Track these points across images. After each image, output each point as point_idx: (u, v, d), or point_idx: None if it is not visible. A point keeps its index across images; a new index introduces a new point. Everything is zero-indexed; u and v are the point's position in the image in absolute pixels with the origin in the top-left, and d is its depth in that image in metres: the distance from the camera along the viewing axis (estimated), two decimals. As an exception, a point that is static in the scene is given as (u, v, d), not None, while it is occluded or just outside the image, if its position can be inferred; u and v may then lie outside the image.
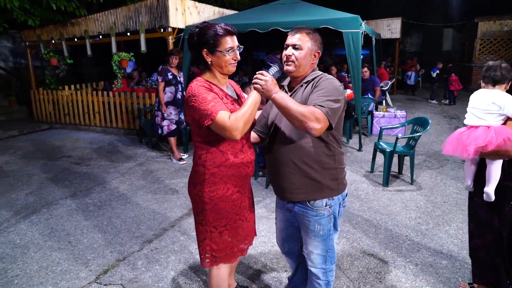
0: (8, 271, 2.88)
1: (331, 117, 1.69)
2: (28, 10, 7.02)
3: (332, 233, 1.97)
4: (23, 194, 4.47)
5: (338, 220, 2.00)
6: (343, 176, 1.94)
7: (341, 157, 1.92)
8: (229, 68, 1.85)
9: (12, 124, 8.82)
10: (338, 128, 1.85)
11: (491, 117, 2.22)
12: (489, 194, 2.24)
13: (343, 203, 1.99)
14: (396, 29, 12.48)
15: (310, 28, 1.91)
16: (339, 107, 1.75)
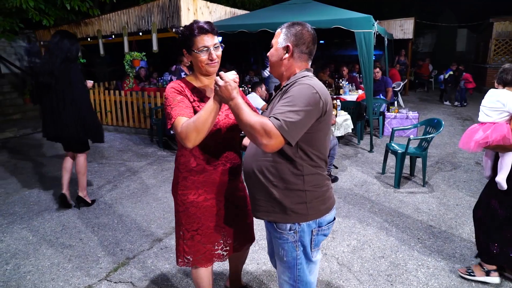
0: (21, 266, 2.92)
1: (287, 132, 1.40)
2: (43, 10, 7.12)
3: (301, 262, 1.66)
4: (36, 191, 4.54)
5: (312, 250, 1.66)
6: (319, 200, 1.60)
7: (315, 178, 1.58)
8: (206, 68, 1.74)
9: (26, 122, 8.98)
10: (315, 144, 1.55)
11: (495, 114, 2.42)
12: (500, 183, 2.47)
13: (318, 231, 1.64)
14: (408, 30, 12.32)
15: (293, 22, 1.64)
16: (301, 120, 1.42)
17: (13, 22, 7.07)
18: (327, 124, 1.58)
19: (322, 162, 1.61)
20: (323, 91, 1.52)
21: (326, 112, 1.52)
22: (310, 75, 1.59)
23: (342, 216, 3.72)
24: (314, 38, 1.63)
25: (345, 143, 6.53)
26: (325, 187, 1.63)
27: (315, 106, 1.46)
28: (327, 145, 1.63)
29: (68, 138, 3.77)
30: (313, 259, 1.69)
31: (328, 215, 1.66)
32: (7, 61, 9.66)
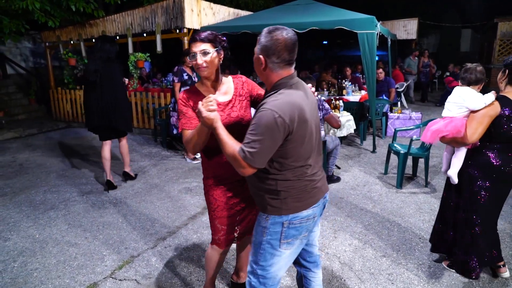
0: (28, 264, 2.98)
1: (253, 162, 1.54)
2: (48, 11, 7.21)
3: (264, 248, 1.76)
4: (42, 190, 4.61)
5: (281, 241, 1.73)
6: (293, 198, 1.69)
7: (289, 182, 1.67)
8: (199, 72, 1.91)
9: (31, 122, 9.07)
10: (290, 155, 1.62)
11: (455, 109, 2.55)
12: (451, 177, 2.64)
13: (289, 225, 1.71)
14: (412, 30, 12.31)
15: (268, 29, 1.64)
16: (263, 148, 1.52)
17: (19, 24, 7.17)
18: (301, 136, 1.61)
19: (299, 168, 1.67)
20: (289, 109, 1.53)
21: (294, 130, 1.56)
22: (281, 90, 1.60)
23: (344, 216, 3.75)
24: (286, 45, 1.58)
25: (348, 144, 6.55)
26: (301, 188, 1.70)
27: (278, 130, 1.51)
28: (303, 152, 1.65)
29: (108, 126, 4.43)
30: (279, 249, 1.75)
31: (303, 212, 1.72)
32: (12, 62, 9.77)
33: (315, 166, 1.75)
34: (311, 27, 5.78)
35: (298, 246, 1.83)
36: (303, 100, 1.62)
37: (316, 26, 5.79)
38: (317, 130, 1.77)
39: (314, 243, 2.01)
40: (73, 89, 8.71)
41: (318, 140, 1.79)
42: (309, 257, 2.03)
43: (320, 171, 1.83)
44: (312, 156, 1.71)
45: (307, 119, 1.61)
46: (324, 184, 1.84)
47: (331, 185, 4.59)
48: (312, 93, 1.81)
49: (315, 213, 1.78)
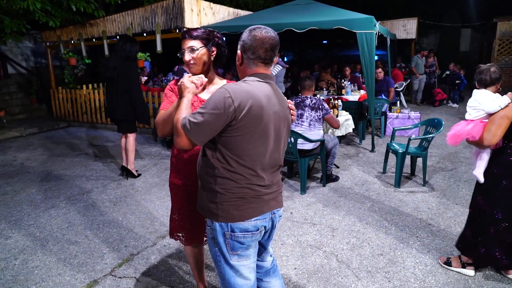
0: (29, 262, 3.01)
1: (189, 132, 1.50)
2: (49, 11, 7.24)
3: (220, 260, 1.70)
4: (42, 189, 4.64)
5: (230, 253, 1.65)
6: (230, 205, 1.60)
7: (227, 182, 1.58)
8: (188, 69, 1.96)
9: (32, 121, 9.11)
10: (233, 148, 1.55)
11: (473, 112, 2.60)
12: (477, 177, 2.66)
13: (232, 236, 1.62)
14: (412, 30, 12.32)
15: (250, 28, 1.67)
16: (204, 122, 1.48)
17: (20, 24, 7.19)
18: (248, 129, 1.53)
19: (242, 169, 1.58)
20: (244, 96, 1.50)
21: (241, 118, 1.50)
22: (250, 79, 1.60)
23: (342, 214, 3.78)
24: (263, 42, 1.58)
25: (347, 143, 6.58)
26: (240, 194, 1.60)
27: (223, 110, 1.47)
28: (254, 154, 1.57)
29: (121, 119, 4.76)
30: (231, 262, 1.67)
31: (244, 223, 1.62)
32: (13, 62, 9.80)
33: (266, 179, 1.65)
34: (310, 27, 5.81)
35: (253, 255, 1.75)
36: (265, 96, 1.57)
37: (315, 26, 5.81)
38: (279, 141, 1.67)
39: (264, 259, 1.92)
40: (73, 88, 8.74)
41: (279, 152, 1.70)
42: (259, 269, 1.93)
43: (274, 185, 1.71)
44: (263, 164, 1.62)
45: (262, 114, 1.54)
46: (275, 199, 1.72)
47: (329, 183, 4.62)
48: (285, 104, 1.72)
49: (260, 227, 1.67)
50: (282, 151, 1.74)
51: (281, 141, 1.70)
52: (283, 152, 1.76)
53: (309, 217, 3.73)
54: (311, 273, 2.79)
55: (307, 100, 4.37)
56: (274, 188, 1.72)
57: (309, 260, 2.96)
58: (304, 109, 4.36)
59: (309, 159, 4.46)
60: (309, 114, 4.35)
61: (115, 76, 4.57)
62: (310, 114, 4.34)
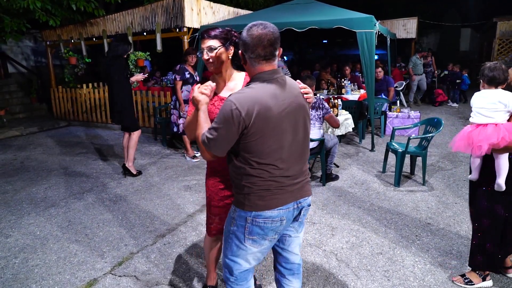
0: (29, 260, 3.02)
1: (209, 147, 1.64)
2: (49, 10, 7.24)
3: (231, 238, 1.82)
4: (42, 188, 4.65)
5: (246, 236, 1.76)
6: (256, 196, 1.70)
7: (253, 178, 1.68)
8: (208, 67, 2.02)
9: (32, 121, 9.12)
10: (252, 151, 1.64)
11: (499, 115, 2.41)
12: (500, 185, 2.44)
13: (253, 222, 1.73)
14: (411, 29, 12.32)
15: (249, 25, 1.69)
16: (219, 136, 1.60)
17: (20, 23, 7.20)
18: (261, 132, 1.60)
19: (264, 166, 1.66)
20: (249, 103, 1.56)
21: (251, 125, 1.57)
22: (254, 83, 1.65)
23: (342, 213, 3.79)
24: (261, 40, 1.60)
25: (346, 142, 6.58)
26: (265, 186, 1.69)
27: (233, 121, 1.56)
28: (268, 150, 1.65)
29: (115, 119, 4.91)
30: (244, 243, 1.78)
31: (268, 212, 1.71)
32: (14, 61, 9.80)
33: (288, 169, 1.71)
34: (310, 26, 5.81)
35: (266, 246, 1.81)
36: (271, 97, 1.61)
37: (315, 25, 5.81)
38: (296, 132, 1.71)
39: (291, 249, 1.95)
40: (73, 87, 8.74)
41: (299, 142, 1.74)
42: (285, 263, 1.98)
43: (299, 175, 1.77)
44: (282, 157, 1.68)
45: (270, 116, 1.60)
46: (301, 189, 1.79)
47: (329, 183, 4.62)
48: (296, 93, 1.74)
49: (282, 216, 1.74)
50: (304, 140, 1.78)
51: (299, 131, 1.74)
52: (305, 141, 1.79)
53: (309, 216, 3.74)
54: (310, 272, 2.80)
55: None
56: (300, 178, 1.78)
57: (309, 259, 2.97)
58: None
59: (309, 158, 4.46)
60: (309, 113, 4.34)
61: (105, 76, 4.71)
62: (310, 113, 4.33)
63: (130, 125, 4.92)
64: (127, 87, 4.80)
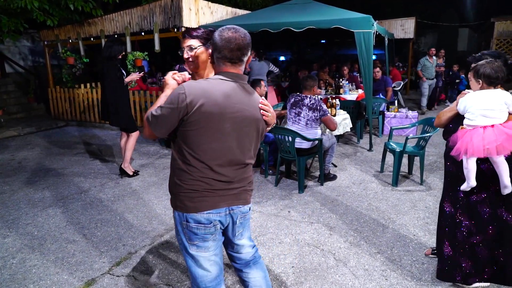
0: (27, 261, 3.01)
1: (150, 123, 1.65)
2: (47, 10, 7.22)
3: (182, 248, 1.80)
4: (40, 188, 4.64)
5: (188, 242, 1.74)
6: (184, 196, 1.69)
7: (182, 174, 1.68)
8: (188, 65, 2.04)
9: (30, 121, 9.09)
10: (189, 142, 1.64)
11: (504, 115, 2.35)
12: (507, 185, 2.36)
13: (187, 226, 1.71)
14: (409, 29, 12.35)
15: (220, 28, 1.74)
16: (161, 115, 1.60)
17: (17, 22, 7.18)
18: (205, 127, 1.61)
19: (196, 162, 1.66)
20: (197, 93, 1.59)
21: (192, 113, 1.58)
22: (213, 78, 1.70)
23: (340, 213, 3.79)
24: (229, 43, 1.64)
25: (344, 142, 6.59)
26: (193, 186, 1.68)
27: (177, 104, 1.59)
28: (208, 149, 1.64)
29: (112, 121, 4.85)
30: (190, 251, 1.76)
31: (197, 215, 1.69)
32: (11, 61, 9.77)
33: (222, 173, 1.69)
34: (308, 26, 5.82)
35: (214, 247, 1.78)
36: (223, 95, 1.63)
37: (313, 25, 5.82)
38: (241, 139, 1.70)
39: (240, 251, 1.93)
40: (71, 87, 8.72)
41: (242, 151, 1.73)
42: (237, 259, 1.97)
43: (236, 182, 1.75)
44: (219, 159, 1.67)
45: (213, 112, 1.61)
46: (236, 196, 1.76)
47: (327, 182, 4.63)
48: (255, 104, 1.74)
49: (214, 221, 1.72)
50: (247, 149, 1.76)
51: (244, 140, 1.73)
52: (249, 151, 1.78)
53: (307, 215, 3.74)
54: (308, 272, 2.81)
55: (306, 99, 4.37)
56: (236, 185, 1.76)
57: (307, 259, 2.97)
58: (302, 108, 4.36)
59: (307, 158, 4.47)
60: (306, 114, 4.35)
61: (99, 76, 4.74)
62: (307, 114, 4.34)
63: (127, 127, 4.90)
64: (121, 88, 4.76)
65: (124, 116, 4.83)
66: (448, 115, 2.59)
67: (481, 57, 2.53)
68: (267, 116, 1.81)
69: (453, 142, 2.45)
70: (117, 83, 4.71)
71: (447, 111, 2.61)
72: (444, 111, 2.66)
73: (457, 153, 2.40)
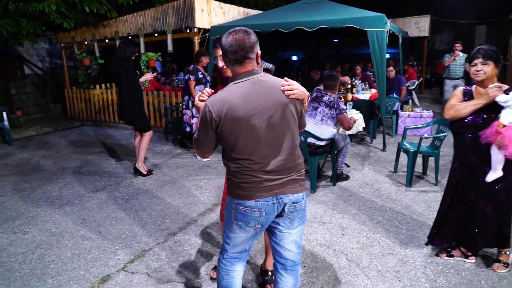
0: (45, 256, 3.10)
1: (197, 146, 1.91)
2: (64, 13, 7.39)
3: (226, 221, 2.01)
4: (57, 186, 4.75)
5: (233, 221, 1.92)
6: (235, 185, 1.88)
7: (233, 170, 1.86)
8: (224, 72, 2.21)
9: (48, 121, 9.31)
10: (229, 146, 1.82)
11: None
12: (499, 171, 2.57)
13: (236, 208, 1.90)
14: (424, 27, 12.16)
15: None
16: (200, 136, 1.86)
17: (36, 25, 7.36)
18: (230, 131, 1.76)
19: (241, 161, 1.82)
20: (219, 105, 1.74)
21: (222, 123, 1.75)
22: (229, 85, 1.83)
23: (352, 213, 3.78)
24: (230, 46, 1.75)
25: (357, 142, 6.54)
26: (243, 179, 1.84)
27: (207, 122, 1.78)
28: (246, 147, 1.78)
29: (127, 120, 4.96)
30: (233, 227, 1.95)
31: (246, 201, 1.85)
32: (30, 63, 10.02)
33: (266, 164, 1.81)
34: (320, 26, 5.79)
35: (251, 234, 1.94)
36: (241, 97, 1.74)
37: (325, 25, 5.79)
38: (273, 128, 1.78)
39: (283, 244, 1.99)
40: (87, 88, 8.89)
41: (278, 138, 1.81)
42: (278, 256, 2.04)
43: (281, 172, 1.84)
44: (259, 153, 1.79)
45: (238, 115, 1.73)
46: (283, 185, 1.85)
47: (339, 183, 4.61)
48: (274, 90, 1.80)
49: (260, 208, 1.85)
50: (285, 135, 1.83)
51: (279, 127, 1.80)
52: (288, 136, 1.84)
53: (319, 215, 3.74)
54: (320, 272, 2.81)
55: (325, 96, 4.46)
56: (283, 174, 1.85)
57: (319, 259, 2.97)
58: (320, 104, 4.47)
59: (319, 158, 4.46)
60: (322, 110, 4.44)
61: (114, 76, 4.84)
62: (324, 110, 4.42)
63: (141, 126, 4.97)
64: (136, 89, 4.85)
65: (139, 116, 4.90)
66: (471, 108, 2.58)
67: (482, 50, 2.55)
68: (294, 94, 1.83)
69: (486, 137, 2.50)
70: (132, 84, 4.79)
71: (470, 104, 2.59)
72: (463, 104, 2.64)
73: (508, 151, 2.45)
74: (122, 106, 4.89)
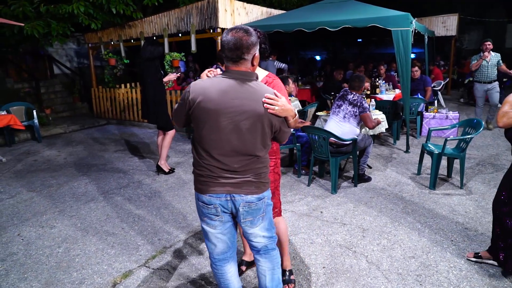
0: (71, 250, 3.21)
1: (173, 114, 2.00)
2: (91, 14, 7.62)
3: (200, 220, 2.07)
4: (83, 183, 4.91)
5: (202, 218, 2.01)
6: (195, 179, 1.97)
7: (196, 161, 1.95)
8: None
9: (75, 119, 9.63)
10: (196, 131, 1.88)
11: None
12: None
13: (198, 204, 1.99)
14: (452, 26, 11.80)
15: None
16: (176, 109, 1.94)
17: (65, 27, 7.62)
18: (198, 119, 1.82)
19: (202, 151, 1.90)
20: (198, 91, 1.81)
21: (193, 109, 1.81)
22: (217, 76, 1.90)
23: (373, 215, 3.72)
24: (227, 44, 1.79)
25: (380, 143, 6.43)
26: (200, 170, 1.92)
27: (184, 100, 1.86)
28: (209, 139, 1.83)
29: (150, 119, 5.02)
30: (202, 224, 2.03)
31: (202, 196, 1.94)
32: (59, 63, 10.40)
33: (225, 162, 1.84)
34: (344, 25, 5.73)
35: (220, 227, 1.98)
36: (220, 92, 1.78)
37: (348, 24, 5.73)
38: (240, 132, 1.79)
39: (252, 239, 2.04)
40: (112, 87, 9.14)
41: (244, 144, 1.81)
42: (251, 246, 2.11)
43: (240, 172, 1.86)
44: (222, 152, 1.83)
45: (209, 108, 1.78)
46: (239, 185, 1.87)
47: (361, 184, 4.55)
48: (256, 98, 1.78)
49: (215, 204, 1.91)
50: (251, 142, 1.83)
51: (245, 133, 1.80)
52: (255, 144, 1.84)
53: (339, 216, 3.70)
54: (340, 273, 2.78)
55: (349, 95, 4.49)
56: (241, 175, 1.88)
57: (338, 260, 2.95)
58: (344, 102, 4.49)
59: (341, 159, 4.42)
60: (346, 107, 4.45)
61: (139, 75, 4.98)
62: (347, 108, 4.44)
63: (164, 125, 5.06)
64: (159, 89, 4.96)
65: (162, 115, 5.00)
66: None
67: None
68: (273, 109, 1.80)
69: None
70: (156, 83, 4.90)
71: None
72: None
73: None
74: (146, 105, 4.99)
